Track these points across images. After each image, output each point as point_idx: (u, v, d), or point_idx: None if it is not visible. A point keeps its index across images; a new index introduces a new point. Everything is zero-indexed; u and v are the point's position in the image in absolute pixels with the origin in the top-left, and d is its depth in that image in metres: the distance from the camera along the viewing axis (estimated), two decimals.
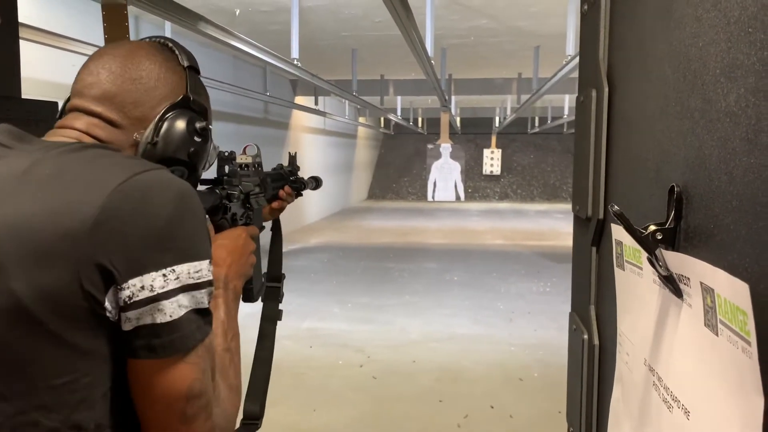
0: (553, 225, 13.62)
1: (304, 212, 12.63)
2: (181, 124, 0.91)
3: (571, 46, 5.32)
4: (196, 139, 0.93)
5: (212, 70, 7.20)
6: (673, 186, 0.62)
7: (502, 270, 8.19)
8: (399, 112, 13.34)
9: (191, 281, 0.77)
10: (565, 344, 1.17)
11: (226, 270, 0.99)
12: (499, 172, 20.32)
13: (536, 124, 16.75)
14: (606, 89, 0.93)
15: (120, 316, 0.75)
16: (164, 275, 0.75)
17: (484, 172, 20.40)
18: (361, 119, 16.96)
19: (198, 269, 0.78)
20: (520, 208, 17.70)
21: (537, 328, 5.51)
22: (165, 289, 0.74)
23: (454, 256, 9.42)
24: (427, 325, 5.62)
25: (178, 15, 3.45)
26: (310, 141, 13.02)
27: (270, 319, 1.35)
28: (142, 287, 0.74)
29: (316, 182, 1.58)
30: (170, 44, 0.96)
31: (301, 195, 1.48)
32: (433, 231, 12.45)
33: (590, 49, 1.02)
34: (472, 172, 20.44)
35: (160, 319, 0.75)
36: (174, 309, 0.75)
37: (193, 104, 0.93)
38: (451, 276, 7.82)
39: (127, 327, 0.75)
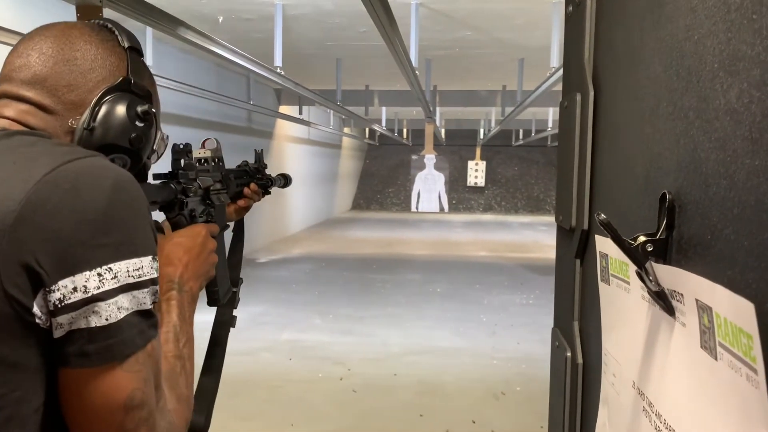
0: (536, 237, 13.63)
1: (287, 222, 12.52)
2: (120, 108, 0.83)
3: (555, 58, 5.32)
4: (138, 124, 0.86)
5: (195, 79, 7.11)
6: (664, 193, 0.56)
7: (486, 282, 8.15)
8: (384, 123, 13.32)
9: (131, 280, 0.70)
10: (548, 358, 1.12)
11: (181, 269, 0.92)
12: (483, 184, 20.37)
13: (520, 136, 16.82)
14: (591, 92, 0.88)
15: (51, 322, 0.67)
16: (99, 274, 0.67)
17: (468, 184, 20.43)
18: (346, 129, 16.92)
19: (138, 266, 0.71)
20: (503, 220, 17.72)
21: (520, 341, 5.46)
22: (101, 290, 0.67)
23: (437, 267, 9.36)
24: (409, 337, 5.55)
25: (156, 19, 3.38)
26: (295, 151, 12.95)
27: (223, 324, 1.25)
28: (75, 288, 0.66)
29: (285, 180, 1.49)
30: (110, 25, 0.89)
31: (269, 193, 1.41)
32: (416, 242, 12.39)
33: (575, 52, 0.98)
34: (456, 183, 20.46)
35: (95, 322, 0.67)
36: (112, 311, 0.68)
37: (135, 87, 0.86)
38: (434, 288, 7.76)
39: (58, 333, 0.67)
